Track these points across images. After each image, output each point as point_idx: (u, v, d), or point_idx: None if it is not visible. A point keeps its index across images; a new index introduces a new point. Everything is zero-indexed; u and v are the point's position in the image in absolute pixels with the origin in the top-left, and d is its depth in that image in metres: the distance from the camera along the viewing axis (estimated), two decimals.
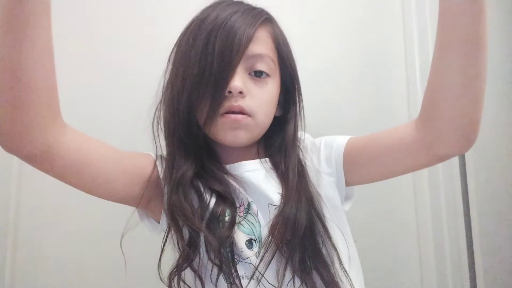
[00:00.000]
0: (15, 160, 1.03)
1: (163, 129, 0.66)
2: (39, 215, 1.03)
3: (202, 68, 0.59)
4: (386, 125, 0.65)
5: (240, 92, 0.59)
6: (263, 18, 0.64)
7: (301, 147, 0.68)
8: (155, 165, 0.64)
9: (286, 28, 0.72)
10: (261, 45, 0.62)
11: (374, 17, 1.14)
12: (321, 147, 0.66)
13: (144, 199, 0.62)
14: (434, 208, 1.05)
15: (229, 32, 0.59)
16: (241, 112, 0.60)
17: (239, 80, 0.59)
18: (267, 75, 0.63)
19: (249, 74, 0.62)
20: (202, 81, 0.59)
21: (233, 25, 0.59)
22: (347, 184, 0.64)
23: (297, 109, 0.69)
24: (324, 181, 0.63)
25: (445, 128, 0.53)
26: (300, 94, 0.69)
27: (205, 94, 0.59)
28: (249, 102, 0.61)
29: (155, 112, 0.66)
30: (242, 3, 0.66)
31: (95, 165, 0.56)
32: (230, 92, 0.59)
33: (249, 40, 0.60)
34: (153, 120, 0.66)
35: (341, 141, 0.64)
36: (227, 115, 0.60)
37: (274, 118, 0.67)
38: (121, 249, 0.62)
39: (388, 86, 1.12)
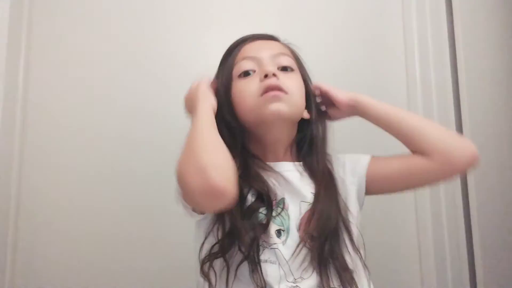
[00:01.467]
0: (15, 161, 1.04)
1: None
2: (39, 216, 1.03)
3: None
4: None
5: (274, 75, 0.69)
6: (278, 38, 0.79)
7: (329, 160, 0.76)
8: None
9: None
10: (281, 48, 0.76)
11: (374, 17, 1.14)
12: (346, 160, 0.75)
13: None
14: (434, 208, 1.05)
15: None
16: (279, 89, 0.69)
17: (272, 66, 0.70)
18: (292, 69, 0.74)
19: (278, 69, 0.72)
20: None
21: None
22: (368, 193, 0.73)
23: (316, 109, 0.77)
24: (347, 189, 0.72)
25: (444, 159, 0.67)
26: (315, 96, 0.78)
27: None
28: (284, 82, 0.70)
29: None
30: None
31: None
32: (266, 76, 0.69)
33: (271, 37, 0.77)
34: None
35: (365, 157, 0.75)
36: (266, 93, 0.68)
37: (302, 121, 0.75)
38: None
39: (388, 86, 1.12)
